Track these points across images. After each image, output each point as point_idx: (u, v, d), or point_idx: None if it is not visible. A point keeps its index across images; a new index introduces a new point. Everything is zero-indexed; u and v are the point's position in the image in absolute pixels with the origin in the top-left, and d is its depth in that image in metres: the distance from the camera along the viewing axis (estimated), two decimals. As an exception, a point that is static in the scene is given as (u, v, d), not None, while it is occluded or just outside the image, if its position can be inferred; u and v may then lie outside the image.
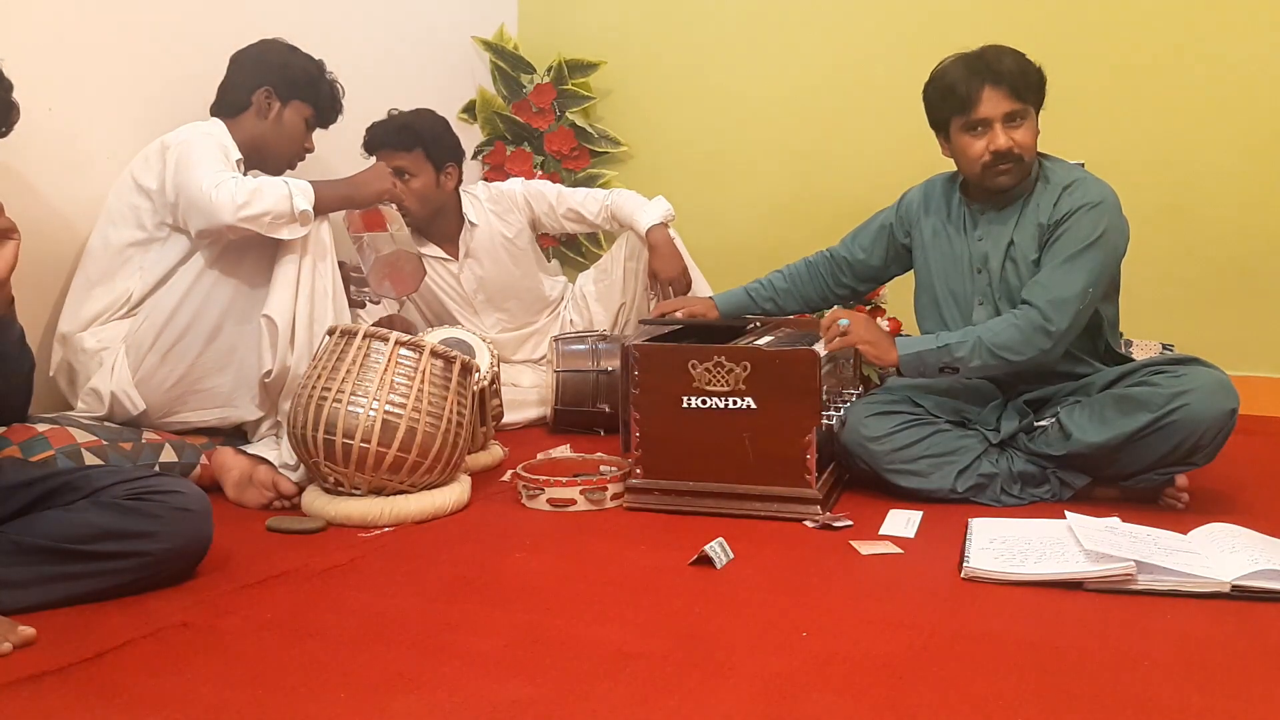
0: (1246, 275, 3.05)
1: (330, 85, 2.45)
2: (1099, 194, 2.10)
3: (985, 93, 2.06)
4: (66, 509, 1.55)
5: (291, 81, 2.37)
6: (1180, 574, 1.56)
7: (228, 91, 2.37)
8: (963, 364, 2.07)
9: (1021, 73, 2.07)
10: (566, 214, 3.02)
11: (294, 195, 2.06)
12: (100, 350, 2.15)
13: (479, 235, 2.98)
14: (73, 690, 1.28)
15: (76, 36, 2.36)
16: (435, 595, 1.60)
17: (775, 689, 1.27)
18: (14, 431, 1.94)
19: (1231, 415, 1.93)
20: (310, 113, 2.42)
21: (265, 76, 2.34)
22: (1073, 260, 2.06)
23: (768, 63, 3.58)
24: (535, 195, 3.03)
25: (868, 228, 2.42)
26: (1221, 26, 3.02)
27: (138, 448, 2.07)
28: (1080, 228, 2.07)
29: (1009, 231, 2.15)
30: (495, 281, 3.02)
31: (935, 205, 2.28)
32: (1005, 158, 2.08)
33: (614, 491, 2.09)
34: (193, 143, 2.15)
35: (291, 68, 2.37)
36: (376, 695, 1.26)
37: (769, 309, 2.51)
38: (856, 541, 1.83)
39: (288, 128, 2.38)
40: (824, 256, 2.48)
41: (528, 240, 3.07)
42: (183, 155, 2.13)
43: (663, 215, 2.88)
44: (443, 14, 3.61)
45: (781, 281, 2.50)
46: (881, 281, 2.49)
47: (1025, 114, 2.09)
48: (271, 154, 2.39)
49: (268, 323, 2.06)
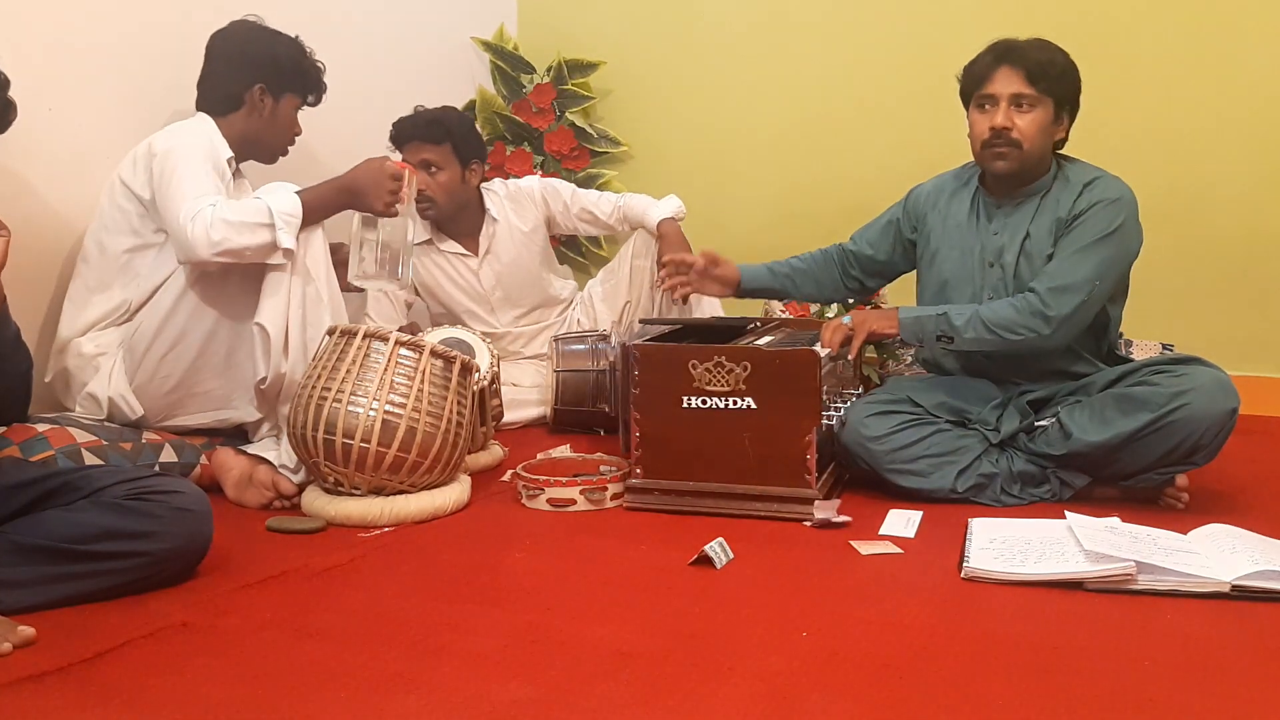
0: (1246, 275, 3.05)
1: (314, 66, 2.42)
2: (1118, 191, 2.11)
3: (1000, 71, 2.10)
4: (67, 509, 1.55)
5: (282, 74, 2.33)
6: (1180, 574, 1.56)
7: (216, 88, 2.31)
8: (958, 334, 2.10)
9: (1047, 62, 2.10)
10: (580, 213, 3.04)
11: (277, 228, 2.00)
12: (97, 355, 2.15)
13: (499, 231, 3.00)
14: (73, 690, 1.28)
15: (76, 36, 2.35)
16: (435, 595, 1.60)
17: (775, 689, 1.27)
18: (14, 431, 1.94)
19: (1232, 415, 1.94)
20: (301, 101, 2.41)
21: (256, 73, 2.30)
22: (1083, 251, 2.07)
23: (767, 63, 3.58)
24: (551, 193, 3.06)
25: (876, 223, 2.44)
26: (1222, 26, 3.02)
27: (138, 448, 2.06)
28: (1096, 221, 2.08)
29: (1025, 225, 2.15)
30: (513, 278, 3.04)
31: (946, 199, 2.29)
32: (1000, 137, 2.09)
33: (614, 491, 2.09)
34: (177, 156, 2.10)
35: (281, 60, 2.33)
36: (376, 695, 1.26)
37: (785, 286, 2.51)
38: (856, 541, 1.83)
39: (282, 121, 2.37)
40: (837, 248, 2.49)
41: (543, 237, 3.09)
42: (166, 172, 2.09)
43: (674, 211, 2.92)
44: (443, 14, 3.61)
45: (800, 263, 2.50)
46: (888, 277, 2.50)
47: (1037, 102, 2.10)
48: (266, 146, 2.38)
49: (259, 331, 2.03)
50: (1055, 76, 2.10)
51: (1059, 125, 2.15)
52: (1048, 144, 2.14)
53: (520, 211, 3.03)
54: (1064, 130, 2.17)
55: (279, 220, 2.02)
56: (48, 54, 2.29)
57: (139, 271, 2.16)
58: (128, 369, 2.13)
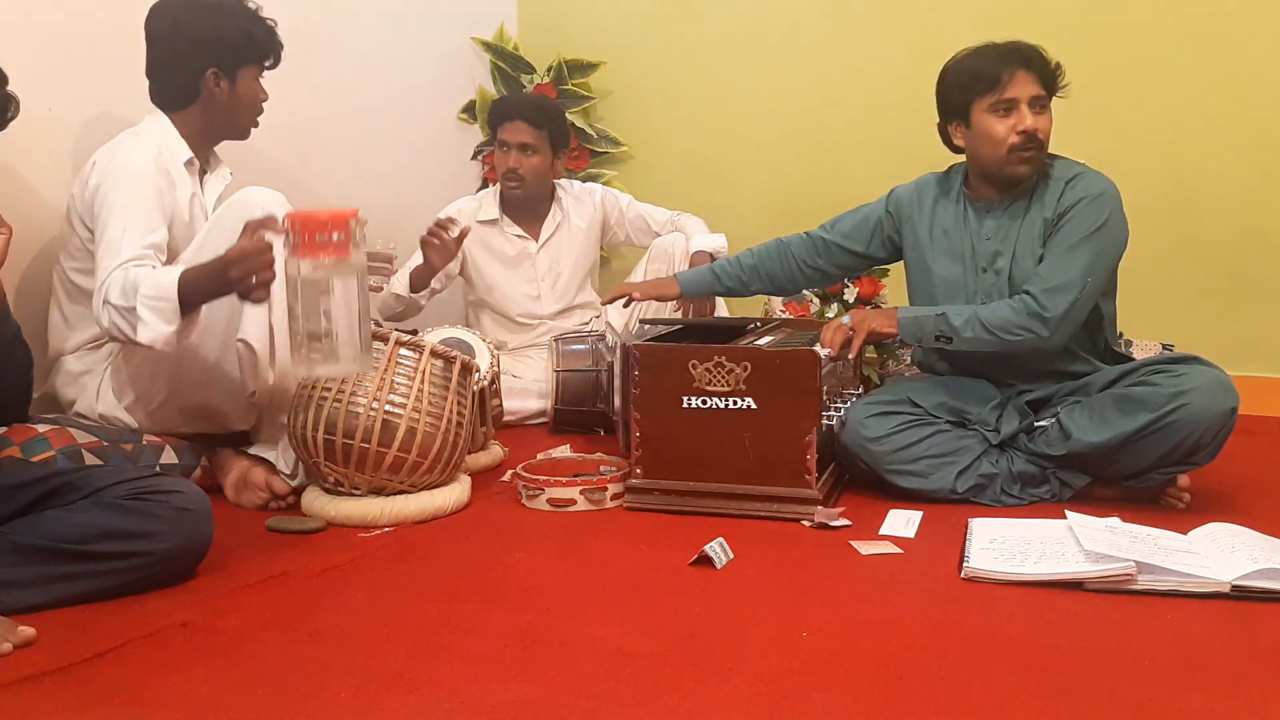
0: (1246, 275, 3.05)
1: (264, 29, 2.22)
2: (1100, 186, 2.11)
3: (1019, 74, 2.08)
4: (67, 509, 1.55)
5: (232, 51, 2.17)
6: (1180, 574, 1.56)
7: (167, 81, 2.17)
8: (956, 334, 2.10)
9: (1049, 64, 2.11)
10: (635, 219, 3.19)
11: (138, 320, 1.81)
12: (83, 374, 2.13)
13: (562, 223, 3.13)
14: (73, 690, 1.28)
15: (76, 36, 2.36)
16: (435, 595, 1.60)
17: (775, 689, 1.27)
18: (14, 432, 1.94)
19: (1232, 414, 1.93)
20: (259, 68, 2.24)
21: (205, 58, 2.15)
22: (1073, 250, 2.07)
23: (767, 63, 3.59)
24: (610, 198, 3.21)
25: (853, 215, 2.41)
26: (1221, 26, 3.02)
27: (138, 449, 2.06)
28: (1082, 219, 2.08)
29: (1017, 228, 2.15)
30: (564, 270, 3.15)
31: (930, 204, 2.28)
32: (1031, 140, 2.08)
33: (614, 491, 2.09)
34: (111, 199, 1.99)
35: (227, 36, 2.16)
36: (376, 695, 1.26)
37: (733, 287, 2.50)
38: (856, 541, 1.83)
39: (244, 98, 2.21)
40: (800, 237, 2.45)
41: (595, 239, 3.22)
42: (99, 215, 1.99)
43: (715, 246, 2.99)
44: (443, 14, 3.61)
45: (748, 259, 2.48)
46: (856, 271, 2.51)
47: (1047, 103, 2.12)
48: (234, 128, 2.25)
49: (244, 347, 1.98)
50: (1055, 80, 2.12)
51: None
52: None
53: (580, 210, 3.17)
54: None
55: (142, 307, 1.81)
56: (47, 54, 2.29)
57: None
58: (115, 387, 2.10)
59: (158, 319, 1.80)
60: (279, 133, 2.57)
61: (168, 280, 1.80)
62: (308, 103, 2.97)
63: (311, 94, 2.98)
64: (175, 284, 1.80)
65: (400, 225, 3.33)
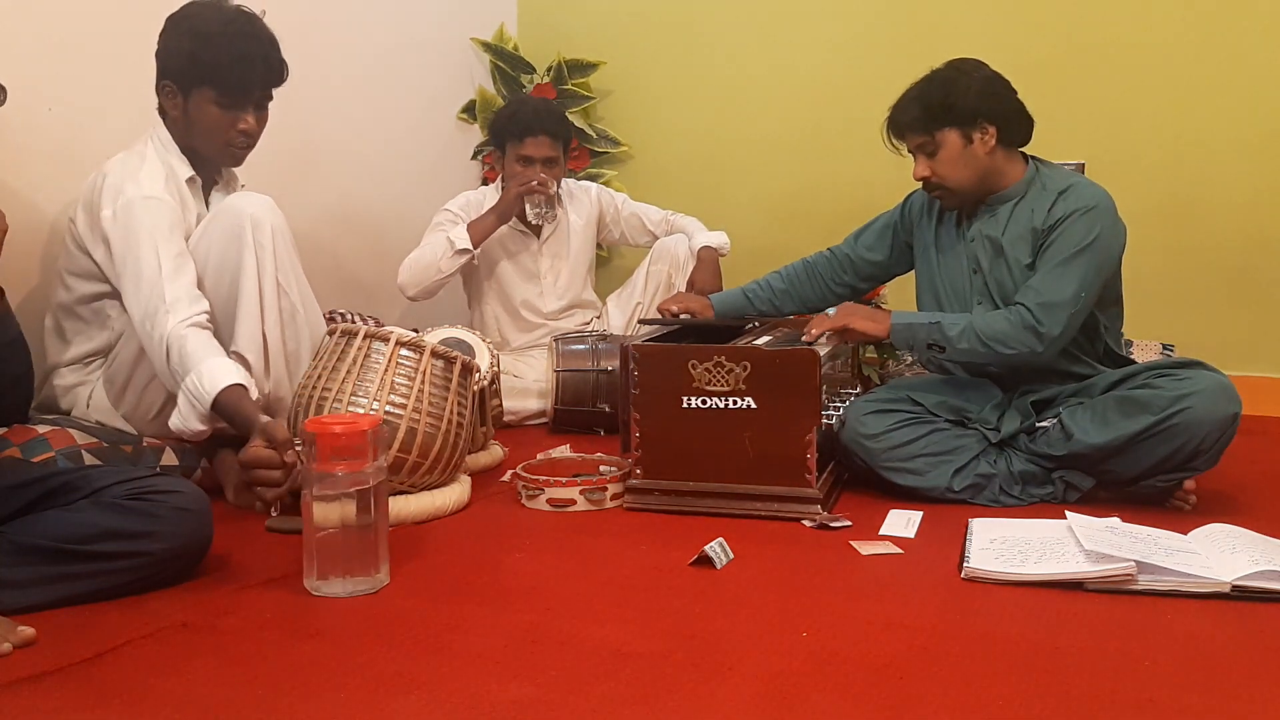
0: (1246, 275, 3.05)
1: (228, 52, 2.00)
2: (1093, 198, 2.10)
3: (902, 135, 2.22)
4: (66, 509, 1.55)
5: (179, 70, 2.04)
6: (1180, 574, 1.56)
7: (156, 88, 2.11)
8: (951, 344, 2.10)
9: (913, 114, 2.16)
10: (629, 216, 3.20)
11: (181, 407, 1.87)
12: (75, 386, 2.12)
13: (562, 220, 3.15)
14: (73, 690, 1.28)
15: (76, 36, 2.36)
16: (435, 595, 1.60)
17: (775, 689, 1.27)
18: (14, 432, 1.94)
19: (1234, 420, 1.93)
20: (213, 95, 2.04)
21: (162, 69, 2.07)
22: (1066, 264, 2.06)
23: (768, 63, 3.59)
24: (606, 196, 3.23)
25: (872, 226, 2.46)
26: (1222, 26, 3.02)
27: (138, 450, 2.06)
28: (1074, 232, 2.07)
29: (998, 232, 2.17)
30: (565, 267, 3.16)
31: (937, 209, 2.31)
32: (928, 185, 2.19)
33: (614, 491, 2.09)
34: (141, 236, 1.93)
35: (172, 53, 2.03)
36: (376, 695, 1.26)
37: (765, 310, 2.53)
38: (856, 541, 1.83)
39: (199, 122, 2.06)
40: (824, 256, 2.50)
41: (592, 236, 3.23)
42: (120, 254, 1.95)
43: (720, 242, 3.03)
44: (443, 14, 3.61)
45: (779, 282, 2.52)
46: (882, 280, 2.51)
47: (933, 143, 2.15)
48: (200, 150, 2.11)
49: (237, 359, 1.97)
50: (935, 112, 2.12)
51: (982, 139, 2.12)
52: (981, 162, 2.13)
53: (579, 207, 3.18)
54: (992, 137, 2.12)
55: (182, 396, 1.86)
56: (47, 54, 2.29)
57: (110, 314, 2.09)
58: (110, 397, 2.09)
59: (193, 416, 1.86)
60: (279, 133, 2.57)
61: (210, 386, 1.83)
62: (308, 103, 2.96)
63: (312, 94, 2.98)
64: (214, 396, 1.83)
65: (400, 225, 3.34)
